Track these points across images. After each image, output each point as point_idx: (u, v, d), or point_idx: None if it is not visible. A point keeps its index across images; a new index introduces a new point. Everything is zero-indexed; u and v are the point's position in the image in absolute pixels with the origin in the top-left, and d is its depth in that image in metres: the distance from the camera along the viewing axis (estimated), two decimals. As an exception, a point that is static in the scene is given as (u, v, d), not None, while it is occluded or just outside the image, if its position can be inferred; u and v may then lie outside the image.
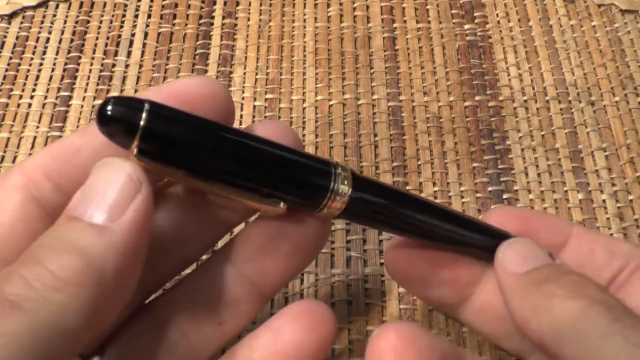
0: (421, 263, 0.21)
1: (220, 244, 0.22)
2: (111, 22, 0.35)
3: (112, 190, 0.15)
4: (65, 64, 0.34)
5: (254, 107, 0.32)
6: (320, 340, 0.18)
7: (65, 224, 0.15)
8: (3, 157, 0.30)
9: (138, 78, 0.33)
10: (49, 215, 0.17)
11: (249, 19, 0.35)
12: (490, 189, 0.30)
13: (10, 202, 0.17)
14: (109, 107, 0.15)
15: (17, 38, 0.35)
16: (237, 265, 0.19)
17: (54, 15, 0.35)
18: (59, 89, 0.33)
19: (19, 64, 0.34)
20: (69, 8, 0.36)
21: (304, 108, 0.32)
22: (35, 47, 0.34)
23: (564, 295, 0.17)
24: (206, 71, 0.33)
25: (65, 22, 0.35)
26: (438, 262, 0.21)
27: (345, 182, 0.18)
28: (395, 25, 0.35)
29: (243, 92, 0.33)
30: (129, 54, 0.34)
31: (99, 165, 0.16)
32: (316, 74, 0.33)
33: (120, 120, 0.15)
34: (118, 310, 0.16)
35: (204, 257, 0.22)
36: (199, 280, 0.19)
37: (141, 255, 0.16)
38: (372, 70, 0.34)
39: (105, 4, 0.36)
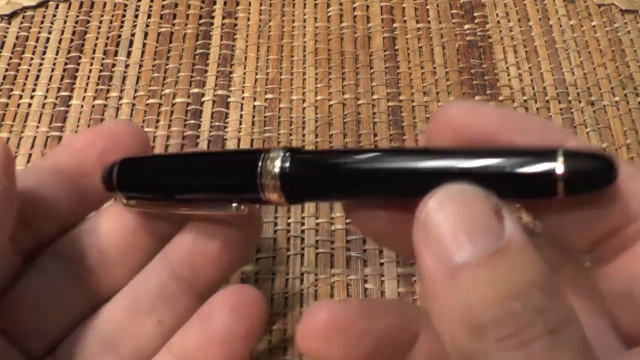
0: (382, 218, 0.17)
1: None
2: (111, 22, 0.35)
3: None
4: (65, 64, 0.34)
5: (254, 107, 0.32)
6: (250, 322, 0.19)
7: None
8: (3, 157, 0.30)
9: (138, 78, 0.33)
10: None
11: (249, 19, 0.35)
12: (490, 189, 0.30)
13: None
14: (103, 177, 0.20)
15: (17, 38, 0.35)
16: (172, 266, 0.20)
17: (54, 15, 0.35)
18: (59, 89, 0.33)
19: (19, 64, 0.34)
20: (69, 8, 0.36)
21: (304, 108, 0.32)
22: (35, 47, 0.34)
23: (507, 343, 0.13)
24: (206, 71, 0.33)
25: (65, 22, 0.35)
26: (397, 217, 0.17)
27: (278, 159, 0.17)
28: (395, 25, 0.35)
29: (243, 92, 0.33)
30: (129, 54, 0.34)
31: None
32: (316, 74, 0.33)
33: (107, 183, 0.20)
34: None
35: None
36: (139, 282, 0.21)
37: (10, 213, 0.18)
38: (372, 70, 0.34)
39: (105, 4, 0.36)
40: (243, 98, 0.32)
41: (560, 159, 0.14)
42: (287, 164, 0.16)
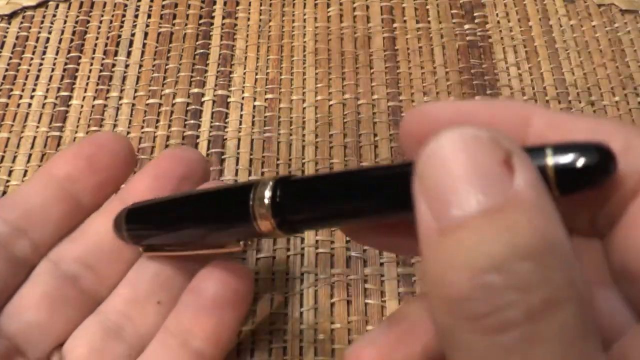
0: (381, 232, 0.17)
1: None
2: (111, 22, 0.35)
3: None
4: (65, 64, 0.34)
5: (254, 107, 0.32)
6: (237, 291, 0.20)
7: None
8: (3, 157, 0.30)
9: (138, 78, 0.33)
10: None
11: (249, 19, 0.35)
12: (490, 189, 0.30)
13: None
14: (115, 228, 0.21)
15: (17, 38, 0.35)
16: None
17: (54, 15, 0.35)
18: (59, 89, 0.33)
19: (19, 64, 0.34)
20: (69, 8, 0.36)
21: (304, 108, 0.32)
22: (35, 47, 0.34)
23: (477, 325, 0.11)
24: (206, 71, 0.33)
25: (65, 22, 0.35)
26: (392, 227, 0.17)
27: (267, 190, 0.17)
28: (395, 25, 0.35)
29: (243, 92, 0.33)
30: (129, 54, 0.34)
31: None
32: (316, 74, 0.33)
33: (119, 236, 0.21)
34: None
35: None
36: (137, 271, 0.22)
37: None
38: (372, 70, 0.34)
39: (105, 4, 0.36)
40: (243, 98, 0.32)
41: (550, 158, 0.12)
42: (277, 194, 0.16)
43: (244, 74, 0.33)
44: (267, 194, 0.17)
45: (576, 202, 0.13)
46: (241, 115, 0.32)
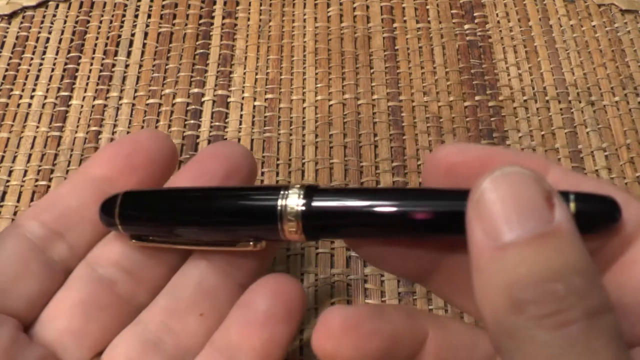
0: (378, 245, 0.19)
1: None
2: (111, 22, 0.35)
3: None
4: (65, 64, 0.34)
5: (254, 107, 0.32)
6: (290, 306, 0.20)
7: None
8: (3, 157, 0.30)
9: (138, 78, 0.33)
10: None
11: (249, 19, 0.35)
12: (490, 189, 0.30)
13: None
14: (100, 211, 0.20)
15: (17, 38, 0.35)
16: (209, 258, 0.21)
17: (54, 15, 0.35)
18: (58, 89, 0.33)
19: (19, 64, 0.34)
20: (69, 8, 0.36)
21: (304, 108, 0.32)
22: (35, 47, 0.34)
23: (545, 322, 0.13)
24: (206, 71, 0.33)
25: (65, 22, 0.35)
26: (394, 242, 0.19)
27: (296, 197, 0.17)
28: (395, 25, 0.35)
29: (243, 92, 0.33)
30: (128, 54, 0.34)
31: None
32: (316, 74, 0.33)
33: (106, 220, 0.20)
34: None
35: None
36: (178, 279, 0.21)
37: None
38: (372, 70, 0.34)
39: (105, 4, 0.36)
40: (243, 98, 0.32)
41: (572, 203, 0.15)
42: (308, 204, 0.17)
43: (244, 74, 0.33)
44: (299, 201, 0.17)
45: None
46: (241, 115, 0.32)
